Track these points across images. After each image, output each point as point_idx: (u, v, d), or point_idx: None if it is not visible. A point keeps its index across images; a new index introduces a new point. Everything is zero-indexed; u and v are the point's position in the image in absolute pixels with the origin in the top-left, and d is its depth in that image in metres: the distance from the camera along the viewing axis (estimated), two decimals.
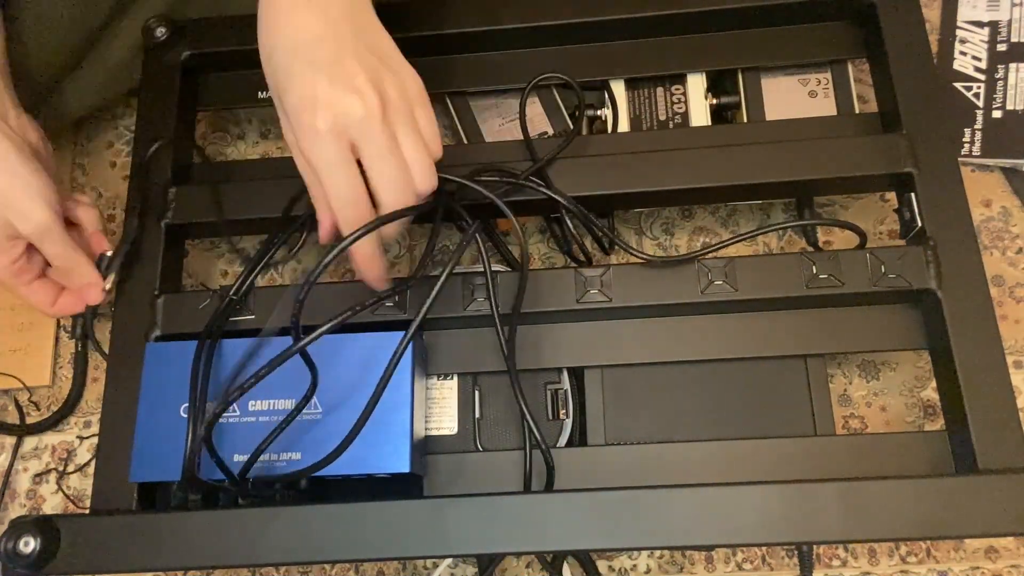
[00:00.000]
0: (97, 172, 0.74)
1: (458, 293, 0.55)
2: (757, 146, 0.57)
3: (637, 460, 0.53)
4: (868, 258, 0.53)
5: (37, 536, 0.47)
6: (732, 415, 0.56)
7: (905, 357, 0.63)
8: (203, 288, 0.67)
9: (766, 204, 0.67)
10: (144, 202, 0.59)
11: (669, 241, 0.67)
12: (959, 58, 0.69)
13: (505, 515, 0.46)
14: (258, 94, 0.64)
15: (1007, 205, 0.66)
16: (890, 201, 0.66)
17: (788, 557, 0.59)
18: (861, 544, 0.58)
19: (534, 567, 0.60)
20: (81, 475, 0.65)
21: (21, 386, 0.67)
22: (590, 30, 0.61)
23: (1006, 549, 0.58)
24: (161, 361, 0.53)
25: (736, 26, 0.62)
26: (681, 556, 0.59)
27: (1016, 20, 0.69)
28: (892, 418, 0.61)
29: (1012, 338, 0.63)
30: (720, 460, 0.53)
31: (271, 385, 0.52)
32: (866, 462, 0.52)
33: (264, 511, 0.48)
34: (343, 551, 0.46)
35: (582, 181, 0.57)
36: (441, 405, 0.57)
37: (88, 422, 0.66)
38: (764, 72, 0.63)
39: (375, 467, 0.50)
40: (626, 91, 0.64)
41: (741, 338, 0.55)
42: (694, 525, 0.45)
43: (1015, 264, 0.64)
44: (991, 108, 0.67)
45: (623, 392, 0.56)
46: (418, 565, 0.61)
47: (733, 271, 0.54)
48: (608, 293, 0.54)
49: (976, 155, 0.66)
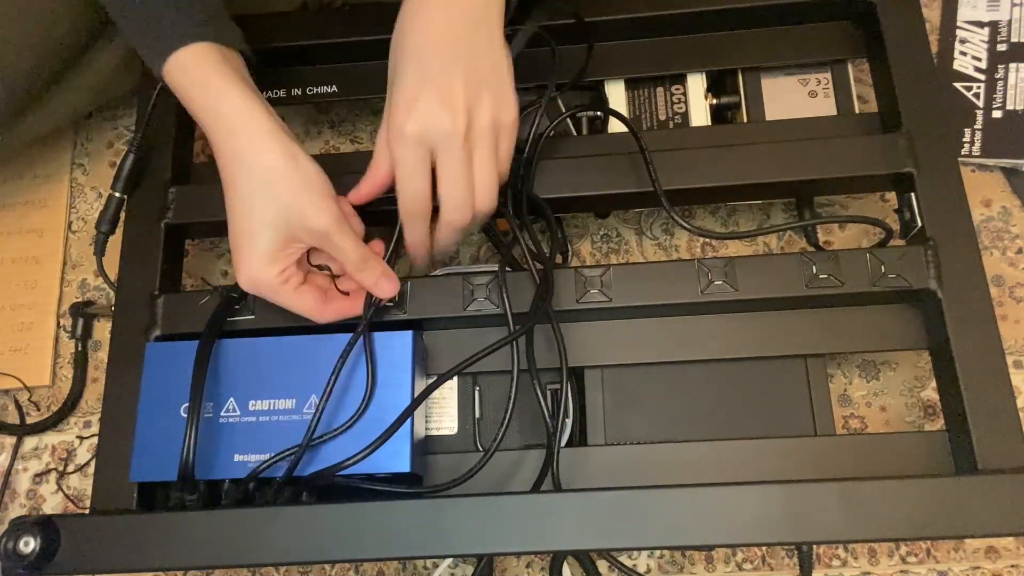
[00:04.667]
0: (97, 172, 0.74)
1: (458, 293, 0.55)
2: (757, 146, 0.57)
3: (637, 460, 0.53)
4: (868, 258, 0.53)
5: (37, 536, 0.47)
6: (732, 415, 0.56)
7: (905, 357, 0.63)
8: (203, 283, 0.67)
9: (766, 204, 0.67)
10: (144, 202, 0.59)
11: (669, 241, 0.67)
12: (959, 58, 0.69)
13: (505, 515, 0.46)
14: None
15: (1007, 205, 0.66)
16: (890, 201, 0.66)
17: (788, 557, 0.59)
18: (861, 544, 0.58)
19: (534, 567, 0.60)
20: (81, 475, 0.65)
21: (21, 386, 0.67)
22: (591, 30, 0.61)
23: (1006, 549, 0.58)
24: (161, 361, 0.53)
25: (736, 26, 0.62)
26: (681, 556, 0.59)
27: (1016, 20, 0.69)
28: (892, 418, 0.61)
29: (1012, 338, 0.63)
30: (720, 460, 0.53)
31: (271, 385, 0.52)
32: (866, 462, 0.52)
33: (264, 511, 0.48)
34: (343, 551, 0.46)
35: (582, 181, 0.57)
36: (441, 405, 0.57)
37: (88, 422, 0.66)
38: (764, 72, 0.63)
39: (376, 467, 0.50)
40: (626, 91, 0.64)
41: (741, 338, 0.55)
42: (694, 525, 0.45)
43: (1015, 264, 0.64)
44: (991, 108, 0.67)
45: (623, 392, 0.56)
46: (418, 565, 0.61)
47: (733, 271, 0.54)
48: (608, 293, 0.54)
49: (976, 155, 0.66)
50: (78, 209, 0.73)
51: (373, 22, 0.62)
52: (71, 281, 0.71)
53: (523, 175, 0.57)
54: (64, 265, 0.71)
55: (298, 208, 0.49)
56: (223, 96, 0.49)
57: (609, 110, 0.60)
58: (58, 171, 0.73)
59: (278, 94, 0.64)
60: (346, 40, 0.62)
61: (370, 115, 0.73)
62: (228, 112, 0.49)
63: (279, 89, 0.64)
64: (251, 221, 0.49)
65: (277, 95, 0.64)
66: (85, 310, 0.68)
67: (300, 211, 0.49)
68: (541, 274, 0.53)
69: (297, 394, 0.52)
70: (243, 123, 0.49)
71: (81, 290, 0.70)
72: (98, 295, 0.70)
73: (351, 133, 0.73)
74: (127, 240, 0.59)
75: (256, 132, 0.49)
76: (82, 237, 0.72)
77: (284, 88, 0.65)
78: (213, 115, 0.49)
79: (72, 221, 0.72)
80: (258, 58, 0.56)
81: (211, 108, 0.49)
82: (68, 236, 0.72)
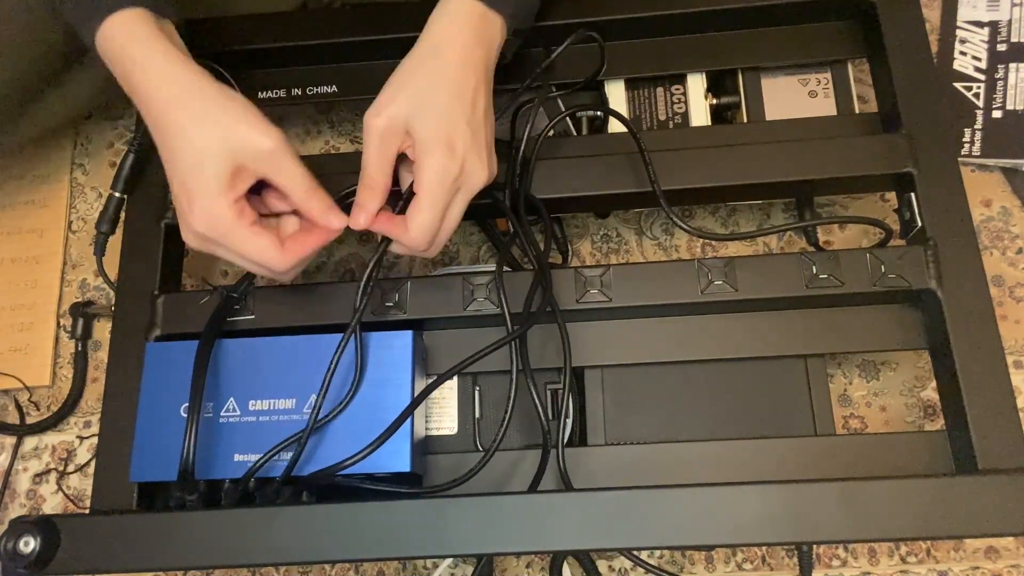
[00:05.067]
0: (97, 172, 0.74)
1: (458, 293, 0.55)
2: (757, 146, 0.57)
3: (637, 460, 0.53)
4: (868, 258, 0.53)
5: (37, 536, 0.47)
6: (732, 415, 0.56)
7: (905, 357, 0.63)
8: (203, 283, 0.67)
9: (766, 204, 0.67)
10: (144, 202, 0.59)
11: (669, 241, 0.67)
12: (959, 58, 0.69)
13: (505, 515, 0.46)
14: (258, 94, 0.64)
15: (1007, 205, 0.66)
16: (890, 201, 0.66)
17: (788, 557, 0.59)
18: (861, 544, 0.58)
19: (534, 567, 0.60)
20: (81, 475, 0.65)
21: (21, 386, 0.67)
22: (590, 30, 0.61)
23: (1006, 549, 0.58)
24: (161, 361, 0.53)
25: (736, 26, 0.62)
26: (681, 556, 0.59)
27: (1016, 20, 0.69)
28: (892, 418, 0.61)
29: (1012, 338, 0.63)
30: (720, 460, 0.53)
31: (271, 385, 0.52)
32: (866, 462, 0.52)
33: (264, 511, 0.48)
34: (343, 551, 0.46)
35: (581, 181, 0.57)
36: (441, 405, 0.57)
37: (88, 422, 0.66)
38: (764, 72, 0.63)
39: (376, 467, 0.50)
40: (626, 91, 0.64)
41: (741, 338, 0.55)
42: (694, 525, 0.45)
43: (1015, 264, 0.64)
44: (991, 108, 0.67)
45: (623, 392, 0.56)
46: (418, 565, 0.61)
47: (733, 271, 0.54)
48: (608, 293, 0.54)
49: (976, 155, 0.66)
50: (78, 209, 0.73)
51: (373, 22, 0.62)
52: (71, 281, 0.71)
53: (521, 175, 0.57)
54: (64, 265, 0.71)
55: (242, 133, 0.47)
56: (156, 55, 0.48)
57: (609, 110, 0.61)
58: (58, 171, 0.73)
59: (278, 94, 0.64)
60: (346, 40, 0.62)
61: None
62: (160, 64, 0.48)
63: (279, 89, 0.64)
64: (195, 156, 0.47)
65: (277, 95, 0.64)
66: (85, 310, 0.68)
67: (245, 135, 0.47)
68: (539, 274, 0.53)
69: (297, 394, 0.52)
70: (175, 71, 0.48)
71: (81, 290, 0.70)
72: (98, 295, 0.70)
73: (351, 133, 0.73)
74: (127, 240, 0.59)
75: (190, 77, 0.48)
76: (82, 237, 0.72)
77: (284, 88, 0.64)
78: (144, 72, 0.48)
79: (72, 221, 0.72)
80: (258, 58, 0.56)
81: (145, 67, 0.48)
82: (68, 236, 0.72)
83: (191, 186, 0.47)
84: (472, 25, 0.51)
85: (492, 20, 0.51)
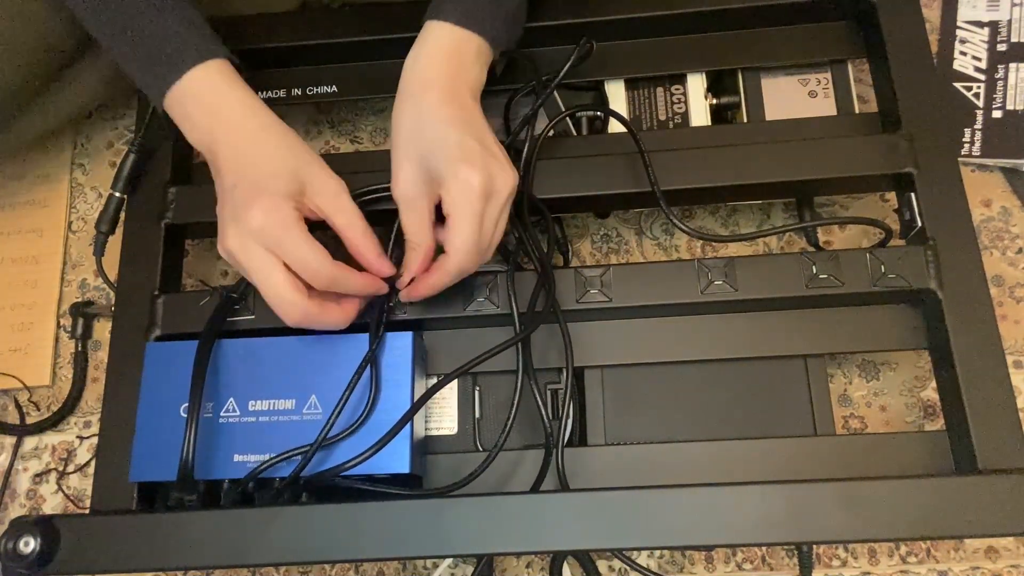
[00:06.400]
0: (97, 172, 0.74)
1: (458, 293, 0.55)
2: (757, 146, 0.57)
3: (637, 460, 0.53)
4: (868, 258, 0.53)
5: (37, 536, 0.47)
6: (732, 415, 0.56)
7: (905, 357, 0.63)
8: (203, 284, 0.67)
9: (766, 204, 0.67)
10: (144, 202, 0.59)
11: (669, 241, 0.67)
12: (959, 58, 0.69)
13: (505, 515, 0.46)
14: (258, 94, 0.63)
15: (1007, 205, 0.66)
16: (890, 201, 0.66)
17: (788, 557, 0.59)
18: (861, 544, 0.58)
19: (534, 567, 0.60)
20: (81, 475, 0.65)
21: (21, 386, 0.67)
22: (590, 30, 0.61)
23: (1006, 549, 0.58)
24: (161, 361, 0.53)
25: (736, 26, 0.62)
26: (681, 556, 0.59)
27: (1016, 20, 0.69)
28: (892, 418, 0.61)
29: (1012, 338, 0.63)
30: (720, 460, 0.53)
31: (271, 385, 0.52)
32: (866, 462, 0.52)
33: (264, 511, 0.48)
34: (343, 551, 0.46)
35: (581, 181, 0.57)
36: (441, 405, 0.57)
37: (88, 422, 0.66)
38: (764, 72, 0.63)
39: (376, 468, 0.50)
40: (626, 91, 0.64)
41: (741, 338, 0.55)
42: (694, 525, 0.45)
43: (1015, 264, 0.64)
44: (991, 108, 0.67)
45: (623, 392, 0.56)
46: (418, 565, 0.61)
47: (733, 271, 0.54)
48: (608, 293, 0.54)
49: (976, 155, 0.66)
50: (78, 209, 0.73)
51: (373, 22, 0.62)
52: (71, 281, 0.71)
53: (522, 176, 0.57)
54: (64, 265, 0.71)
55: (315, 170, 0.50)
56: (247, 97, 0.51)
57: (609, 110, 0.61)
58: (58, 171, 0.73)
59: (278, 94, 0.64)
60: (346, 40, 0.62)
61: (370, 115, 0.73)
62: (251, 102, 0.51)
63: (279, 89, 0.64)
64: (272, 167, 0.49)
65: (277, 95, 0.64)
66: (85, 310, 0.68)
67: (317, 172, 0.50)
68: (544, 275, 0.53)
69: (297, 394, 0.52)
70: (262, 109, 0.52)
71: (81, 290, 0.70)
72: (98, 295, 0.70)
73: (351, 133, 0.73)
74: (127, 240, 0.59)
75: (274, 119, 0.52)
76: (82, 237, 0.72)
77: (284, 88, 0.64)
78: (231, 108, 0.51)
79: (72, 221, 0.72)
80: (258, 58, 0.56)
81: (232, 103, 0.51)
82: (68, 236, 0.72)
83: (263, 185, 0.48)
84: (452, 52, 0.51)
85: (472, 41, 0.52)
